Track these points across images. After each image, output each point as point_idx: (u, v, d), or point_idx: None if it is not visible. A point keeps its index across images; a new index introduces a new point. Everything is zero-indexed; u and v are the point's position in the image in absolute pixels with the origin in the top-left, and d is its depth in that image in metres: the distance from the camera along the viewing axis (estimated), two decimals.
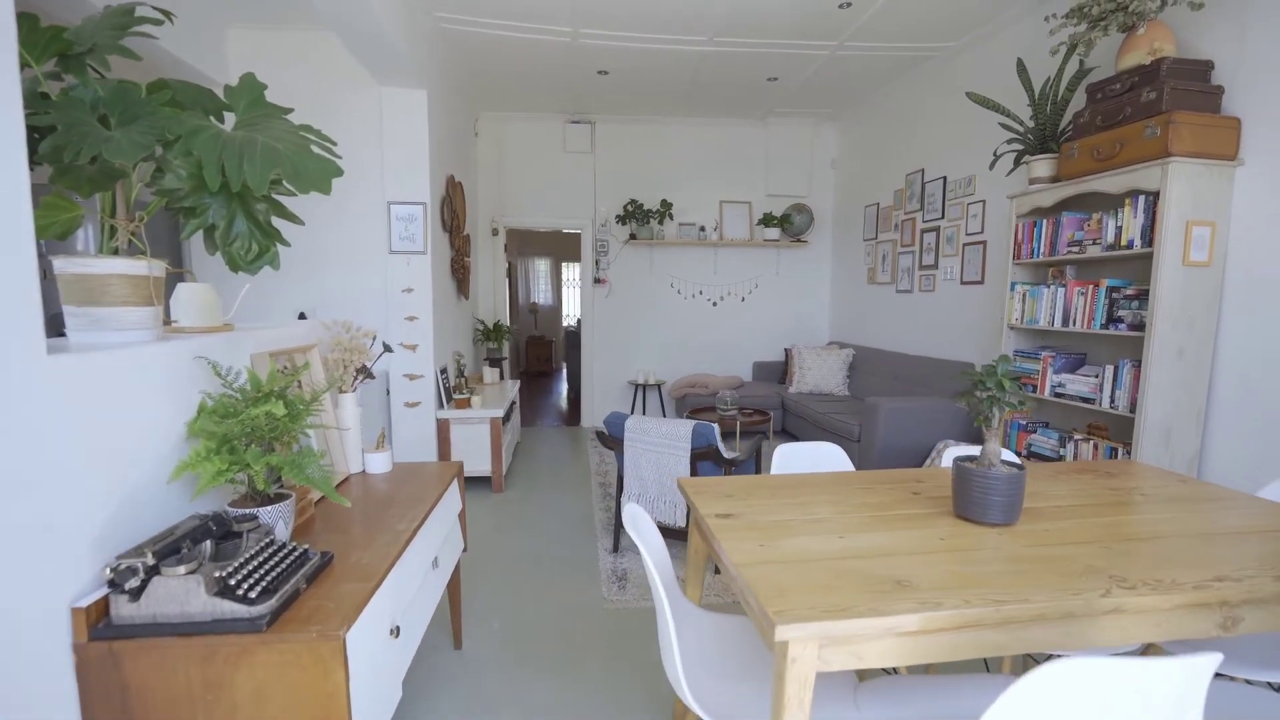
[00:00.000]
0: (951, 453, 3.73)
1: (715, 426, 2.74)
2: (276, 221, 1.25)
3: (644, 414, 6.38)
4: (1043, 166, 3.30)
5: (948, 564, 1.25)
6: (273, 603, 1.11)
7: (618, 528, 3.12)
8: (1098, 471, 1.98)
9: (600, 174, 6.16)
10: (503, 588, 2.81)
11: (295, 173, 1.11)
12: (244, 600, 1.09)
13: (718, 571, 2.85)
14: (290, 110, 1.24)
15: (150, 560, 1.07)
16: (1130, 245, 2.79)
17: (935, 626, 1.06)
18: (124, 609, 1.06)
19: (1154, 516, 1.55)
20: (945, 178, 4.57)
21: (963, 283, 4.39)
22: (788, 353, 6.15)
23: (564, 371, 10.69)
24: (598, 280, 6.25)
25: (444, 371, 4.16)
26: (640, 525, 1.43)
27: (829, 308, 6.59)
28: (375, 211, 3.84)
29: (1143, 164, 2.67)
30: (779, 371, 6.40)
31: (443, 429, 4.06)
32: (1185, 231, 2.62)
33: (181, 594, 1.06)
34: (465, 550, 2.26)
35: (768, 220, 6.13)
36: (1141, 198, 2.73)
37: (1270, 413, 2.55)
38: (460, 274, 4.68)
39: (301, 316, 3.80)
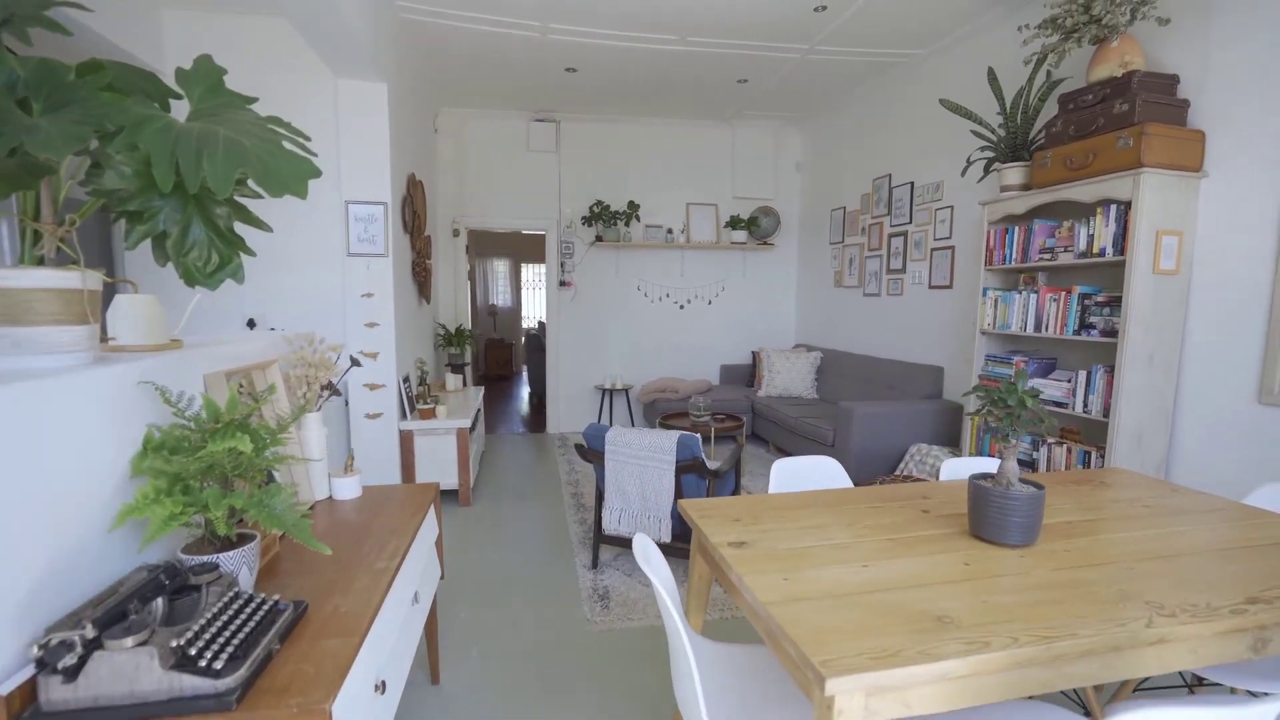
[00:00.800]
0: (926, 456, 3.75)
1: (698, 438, 2.65)
2: (240, 228, 1.09)
3: (611, 419, 6.26)
4: (1014, 174, 3.34)
5: (979, 593, 1.19)
6: (242, 672, 0.96)
7: (597, 543, 3.00)
8: (1092, 482, 1.97)
9: (565, 174, 6.01)
10: (479, 612, 2.65)
11: (264, 172, 0.95)
12: (208, 672, 0.93)
13: None
14: (254, 100, 1.07)
15: (90, 632, 0.89)
16: (1102, 253, 2.84)
17: (986, 669, 0.99)
18: (57, 692, 0.88)
19: (1165, 531, 1.53)
20: (913, 183, 4.62)
21: (931, 287, 4.44)
22: (755, 356, 6.14)
23: (525, 375, 10.47)
24: (563, 283, 6.10)
25: (406, 380, 3.95)
26: (651, 558, 1.32)
27: (795, 310, 6.62)
28: (332, 211, 3.60)
29: (1115, 174, 2.71)
30: (746, 374, 6.38)
31: (406, 441, 3.85)
32: (1155, 241, 2.68)
33: (130, 670, 0.90)
34: (443, 578, 2.11)
35: (735, 223, 6.11)
36: (1113, 207, 2.78)
37: (1234, 414, 2.63)
38: (421, 277, 4.47)
39: (250, 324, 3.54)
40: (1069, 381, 3.06)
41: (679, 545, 2.74)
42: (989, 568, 1.30)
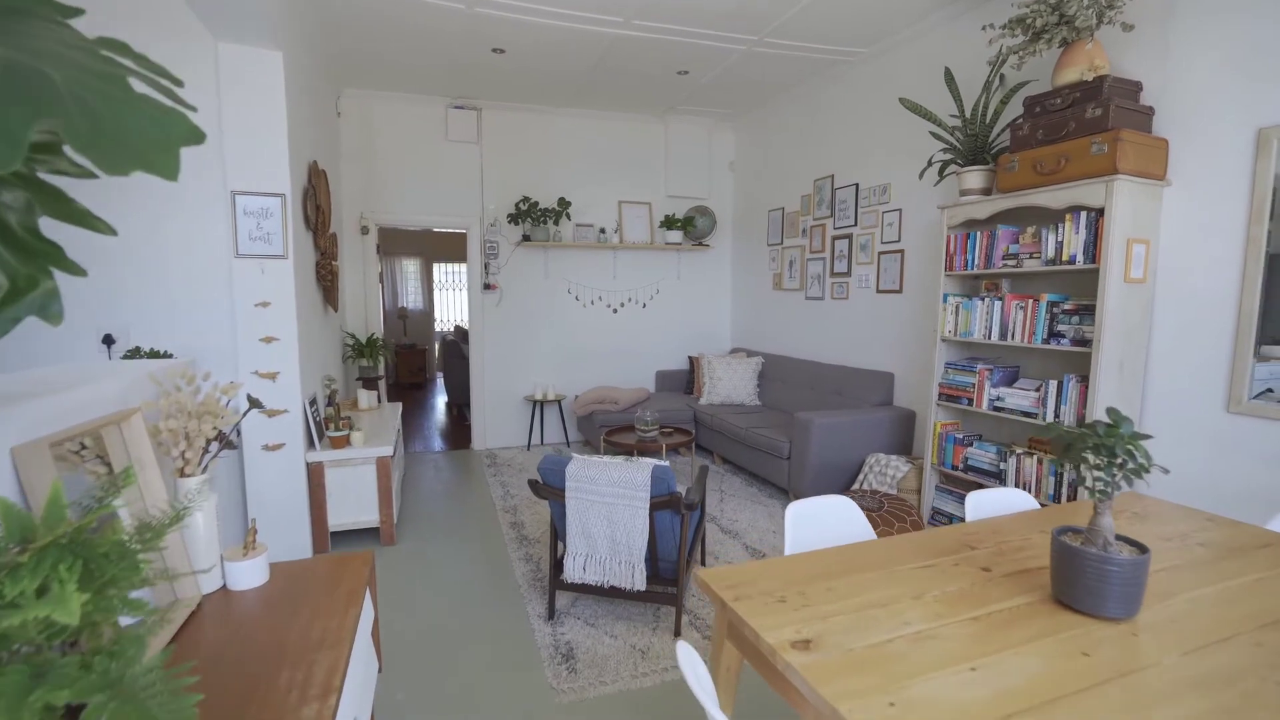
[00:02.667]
0: (884, 466, 3.63)
1: (670, 469, 2.33)
2: (57, 230, 0.64)
3: (542, 434, 5.83)
4: (975, 178, 3.27)
5: (1135, 706, 0.94)
6: None
7: (553, 590, 2.60)
8: (1125, 513, 1.83)
9: (489, 167, 5.51)
10: (420, 685, 2.20)
11: (93, 130, 0.52)
12: None
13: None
14: (78, 11, 0.63)
15: None
16: (1072, 260, 2.78)
17: None
18: None
19: (1247, 581, 1.36)
20: (857, 185, 4.53)
21: (880, 291, 4.36)
22: (693, 362, 5.91)
23: (440, 382, 9.76)
24: (488, 286, 5.60)
25: (313, 403, 3.36)
26: (697, 670, 0.98)
27: (730, 314, 6.46)
28: (214, 204, 2.97)
29: (1087, 180, 2.65)
30: (683, 381, 6.14)
31: (315, 475, 3.27)
32: (1127, 249, 2.64)
33: None
34: (381, 670, 1.66)
35: (670, 223, 5.84)
36: (1084, 214, 2.72)
37: (1202, 422, 2.63)
38: (328, 281, 3.86)
39: (107, 341, 2.84)
40: (1037, 390, 3.01)
41: (655, 589, 2.41)
42: (1111, 656, 1.07)
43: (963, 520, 3.46)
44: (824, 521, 1.74)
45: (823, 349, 4.99)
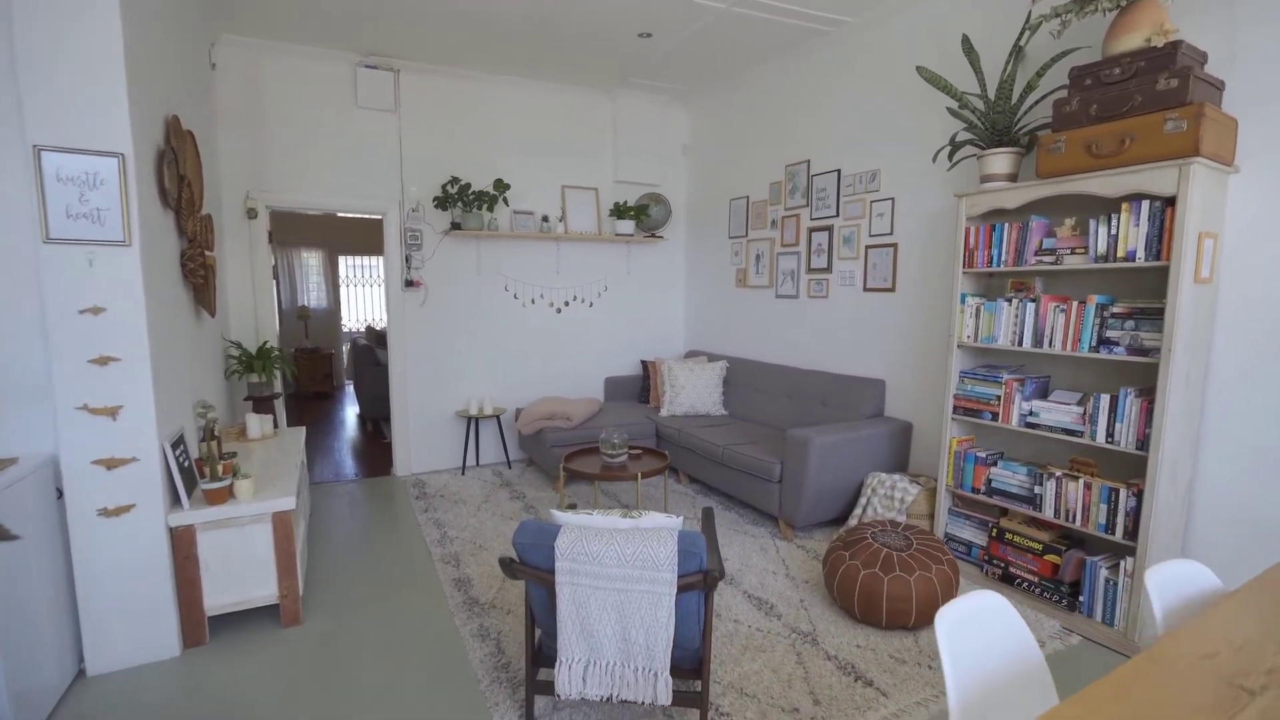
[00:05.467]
0: (889, 489, 3.18)
1: (701, 537, 1.72)
2: None
3: (478, 456, 5.05)
4: (1001, 162, 2.85)
5: None
6: None
7: (530, 694, 1.92)
8: None
9: (410, 141, 4.64)
10: None
11: None
12: None
13: None
14: None
15: None
16: (1130, 257, 2.40)
17: None
18: None
19: None
20: (840, 170, 4.07)
21: (867, 289, 3.93)
22: (648, 367, 5.31)
23: (351, 390, 8.64)
24: (410, 283, 4.73)
25: (178, 444, 2.47)
26: None
27: (684, 313, 5.90)
28: (4, 165, 2.04)
29: (1155, 164, 2.26)
30: (636, 388, 5.53)
31: (183, 543, 2.39)
32: (1198, 244, 2.28)
33: None
34: None
35: (620, 211, 5.20)
36: (1145, 203, 2.34)
37: (1259, 434, 2.33)
38: (199, 277, 2.93)
39: None
40: (1079, 405, 2.63)
41: (682, 694, 1.78)
42: None
43: (983, 549, 3.12)
44: (987, 631, 1.19)
45: (798, 353, 4.52)
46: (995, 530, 2.92)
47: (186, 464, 2.53)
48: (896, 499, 3.26)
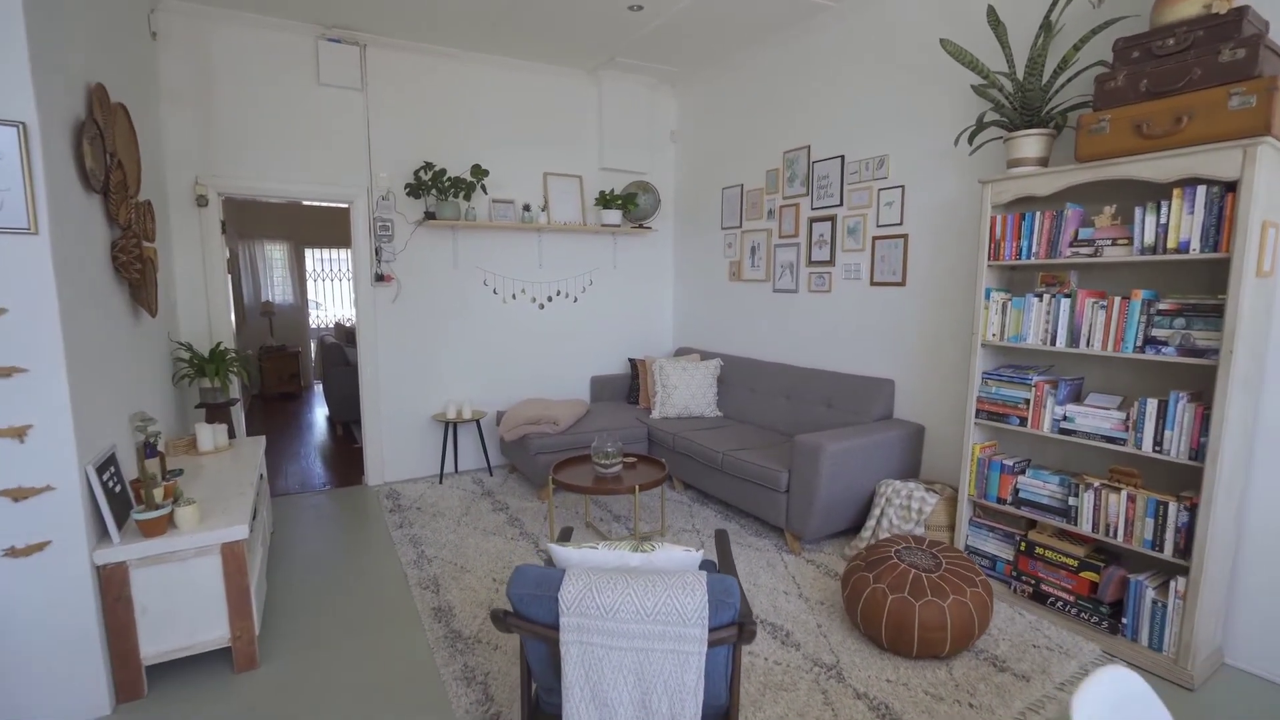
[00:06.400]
0: (905, 499, 2.95)
1: (735, 583, 1.44)
2: None
3: (456, 463, 4.72)
4: (1032, 145, 2.61)
5: None
6: None
7: None
8: None
9: (378, 123, 4.27)
10: None
11: None
12: None
13: None
14: None
15: None
16: (1183, 248, 2.18)
17: None
18: None
19: None
20: (843, 157, 3.82)
21: (874, 283, 3.69)
22: (637, 365, 5.03)
23: (319, 390, 8.21)
24: (380, 277, 4.37)
25: (105, 467, 2.12)
26: None
27: (673, 308, 5.62)
28: None
29: (1216, 144, 2.04)
30: (624, 388, 5.25)
31: (113, 584, 2.05)
32: (1261, 233, 2.07)
33: None
34: None
35: (607, 200, 4.89)
36: (1201, 188, 2.13)
37: None
38: (135, 272, 2.56)
39: None
40: (1120, 410, 2.42)
41: None
42: None
43: (1010, 564, 2.88)
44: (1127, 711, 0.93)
45: (797, 350, 4.28)
46: (1024, 544, 2.71)
47: (119, 489, 2.18)
48: (914, 510, 3.03)
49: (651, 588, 1.39)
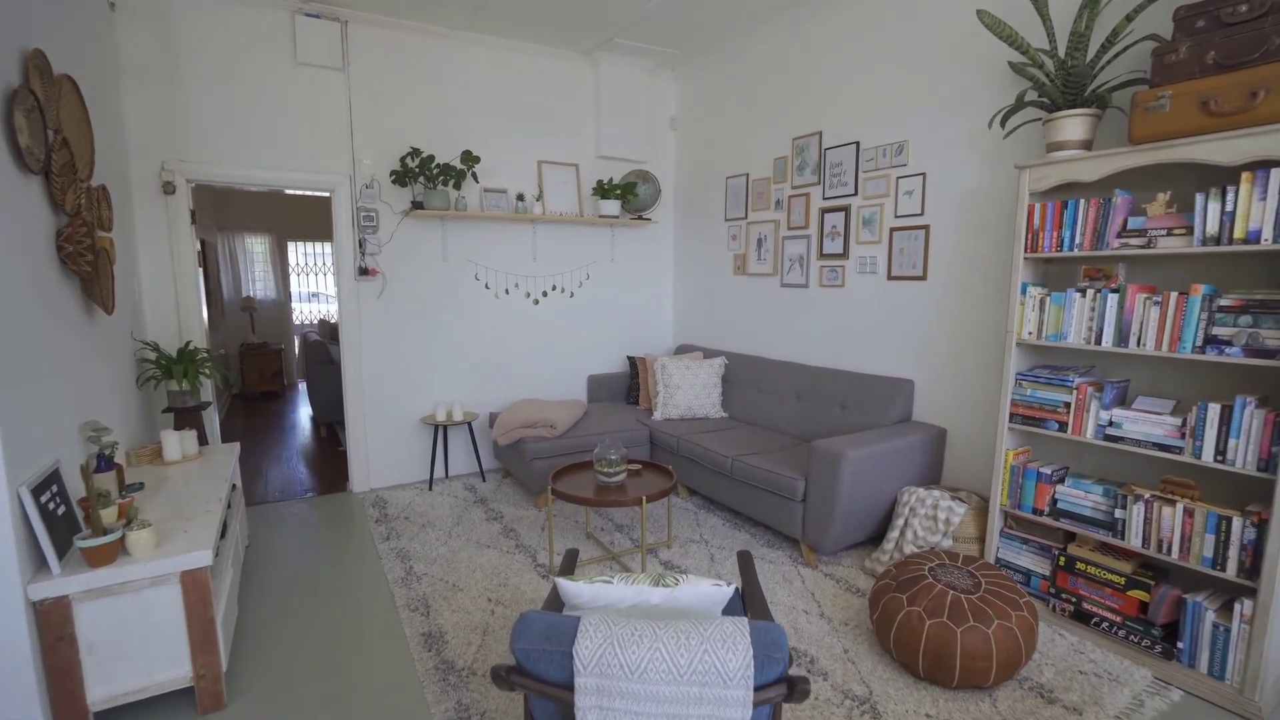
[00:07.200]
0: (930, 508, 2.73)
1: (780, 630, 1.22)
2: None
3: (446, 468, 4.47)
4: (1075, 126, 2.40)
5: None
6: None
7: None
8: None
9: (361, 106, 3.99)
10: None
11: None
12: None
13: None
14: None
15: None
16: (1253, 238, 1.98)
17: None
18: None
19: None
20: (858, 143, 3.59)
21: (892, 277, 3.48)
22: (636, 364, 4.80)
23: (303, 389, 7.92)
24: (364, 271, 4.10)
25: (46, 487, 1.86)
26: None
27: (673, 303, 5.39)
28: None
29: None
30: (623, 388, 5.01)
31: (52, 620, 1.79)
32: None
33: None
34: None
35: (605, 190, 4.64)
36: (1276, 172, 1.92)
37: None
38: (86, 264, 2.29)
39: None
40: (1174, 415, 2.21)
41: None
42: None
43: (1046, 579, 2.65)
44: None
45: (808, 348, 4.06)
46: (1063, 558, 2.51)
47: (63, 510, 1.91)
48: (940, 520, 2.82)
49: (685, 641, 1.16)
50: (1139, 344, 2.25)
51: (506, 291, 4.65)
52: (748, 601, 1.69)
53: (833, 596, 2.75)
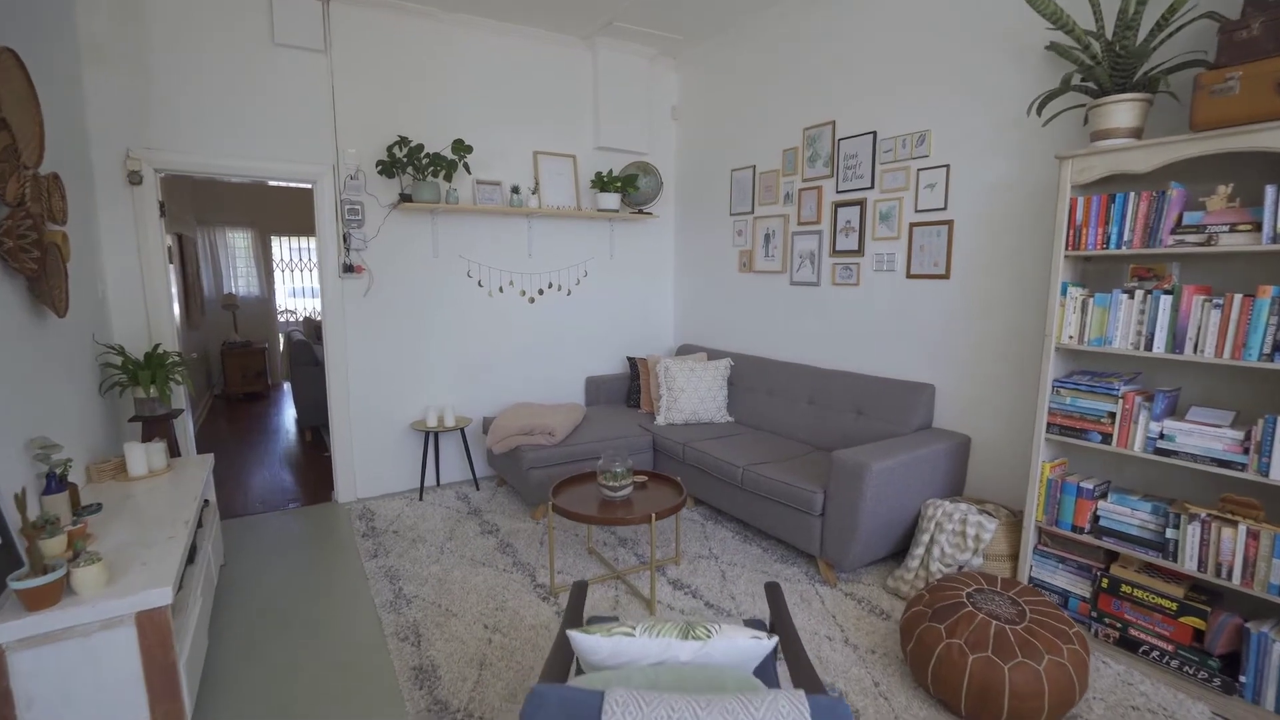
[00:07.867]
0: (959, 524, 2.53)
1: (846, 709, 1.01)
2: None
3: (438, 475, 4.24)
4: (1124, 113, 2.20)
5: None
6: None
7: None
8: None
9: (344, 90, 3.73)
10: None
11: None
12: None
13: None
14: None
15: None
16: None
17: None
18: None
19: None
20: (875, 133, 3.39)
21: (910, 275, 3.28)
22: (637, 365, 4.58)
23: (288, 390, 7.65)
24: (349, 268, 3.86)
25: None
26: None
27: (674, 301, 5.18)
28: None
29: None
30: (623, 390, 4.80)
31: None
32: None
33: None
34: None
35: (605, 183, 4.41)
36: None
37: None
38: (33, 261, 2.04)
39: None
40: (1233, 427, 2.03)
41: None
42: None
43: (1086, 601, 2.41)
44: None
45: (819, 350, 3.86)
46: (1105, 580, 2.33)
47: None
48: (969, 537, 2.63)
49: (724, 712, 0.95)
50: (1197, 350, 2.06)
51: (500, 289, 4.42)
52: (785, 653, 1.48)
53: (856, 620, 2.56)
